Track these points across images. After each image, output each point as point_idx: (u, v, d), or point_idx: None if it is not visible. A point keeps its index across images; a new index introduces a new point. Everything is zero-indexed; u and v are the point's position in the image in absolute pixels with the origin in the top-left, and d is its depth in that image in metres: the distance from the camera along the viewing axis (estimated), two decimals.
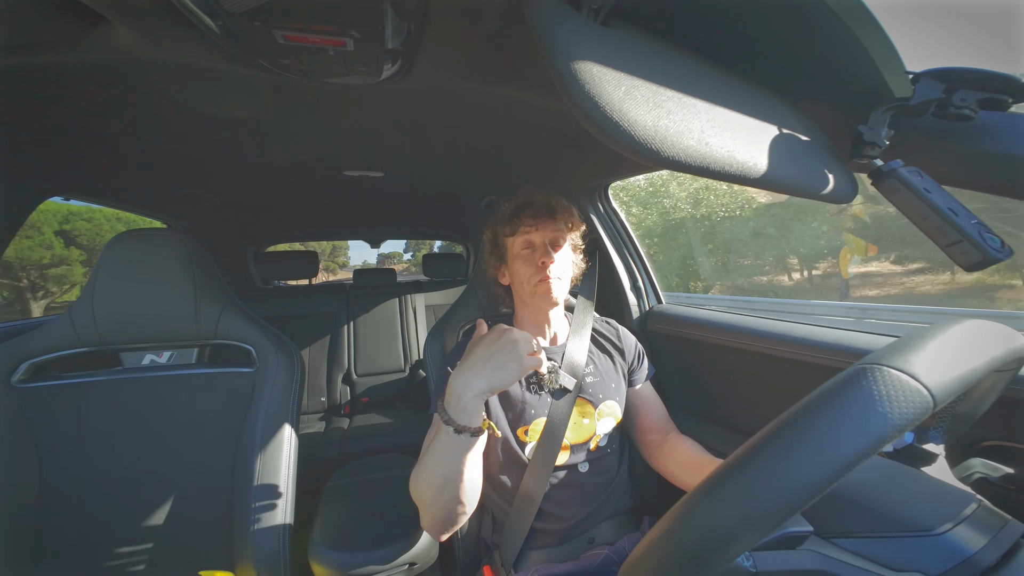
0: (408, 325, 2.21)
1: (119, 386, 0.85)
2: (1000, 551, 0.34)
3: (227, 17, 0.51)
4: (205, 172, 1.26)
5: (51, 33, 0.56)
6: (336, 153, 1.16)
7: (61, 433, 0.80)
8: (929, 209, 0.45)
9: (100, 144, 0.97)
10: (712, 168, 0.38)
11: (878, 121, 0.49)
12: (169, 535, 0.82)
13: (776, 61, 0.51)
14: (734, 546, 0.27)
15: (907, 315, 7.93)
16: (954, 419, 0.47)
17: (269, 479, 0.83)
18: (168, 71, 0.68)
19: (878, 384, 0.27)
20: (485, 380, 0.56)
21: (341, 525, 0.86)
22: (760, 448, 0.28)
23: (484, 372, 0.57)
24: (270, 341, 0.90)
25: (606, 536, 0.80)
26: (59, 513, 0.78)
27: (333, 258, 33.75)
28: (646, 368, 0.93)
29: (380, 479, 1.06)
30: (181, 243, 0.86)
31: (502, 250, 0.87)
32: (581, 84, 0.36)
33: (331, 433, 1.73)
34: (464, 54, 0.64)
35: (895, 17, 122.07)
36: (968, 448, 0.62)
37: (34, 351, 0.81)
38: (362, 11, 0.51)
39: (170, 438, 0.85)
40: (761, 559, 0.37)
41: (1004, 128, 0.47)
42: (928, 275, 13.01)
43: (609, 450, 0.83)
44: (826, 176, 0.47)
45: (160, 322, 0.85)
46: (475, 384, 0.56)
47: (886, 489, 0.42)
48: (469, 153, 1.19)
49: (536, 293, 0.81)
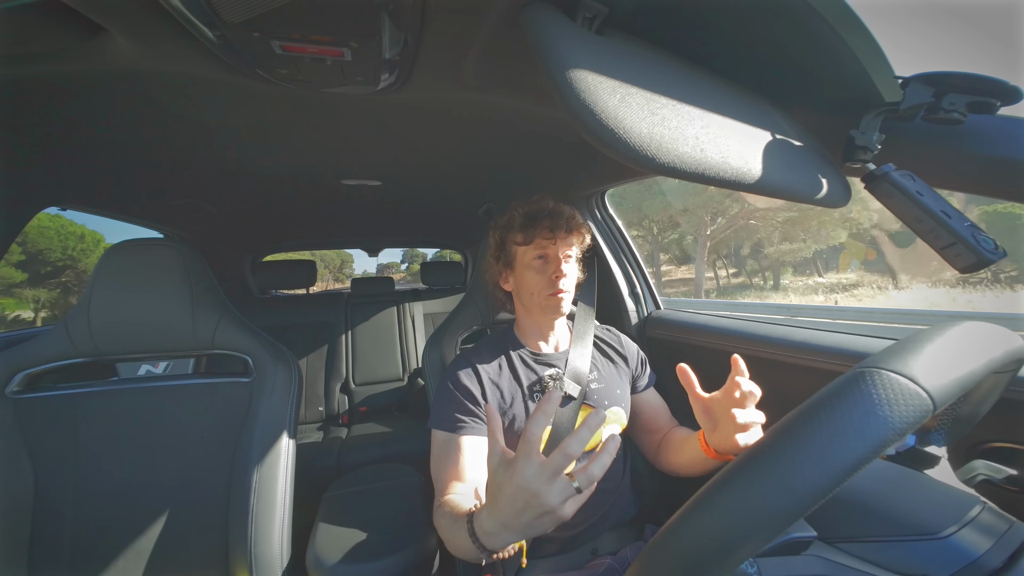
0: (406, 333, 2.21)
1: (115, 397, 0.84)
2: (1006, 553, 0.34)
3: (225, 27, 0.51)
4: (202, 182, 1.27)
5: (49, 43, 0.57)
6: (334, 162, 1.16)
7: (56, 444, 0.79)
8: (922, 212, 0.46)
9: (97, 154, 0.98)
10: (707, 174, 0.38)
11: (869, 126, 0.49)
12: (166, 546, 0.80)
13: (768, 67, 0.52)
14: (738, 553, 0.26)
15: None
16: (955, 421, 0.47)
17: (267, 490, 0.82)
18: (166, 81, 0.68)
19: (877, 388, 0.27)
20: (520, 535, 0.48)
21: (340, 536, 0.85)
22: (761, 454, 0.28)
23: (518, 530, 0.47)
24: (267, 351, 0.90)
25: (609, 546, 0.79)
26: (54, 524, 0.77)
27: (341, 270, 34.19)
28: (649, 374, 0.93)
29: (379, 489, 1.04)
30: (178, 252, 0.86)
31: (510, 256, 0.85)
32: (577, 92, 0.36)
33: (329, 443, 1.71)
34: (461, 63, 0.64)
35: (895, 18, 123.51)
36: (970, 450, 0.61)
37: (29, 362, 0.81)
38: (359, 21, 0.52)
39: (166, 449, 0.84)
40: (765, 565, 0.37)
41: (993, 131, 0.48)
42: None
43: (614, 457, 0.82)
44: (820, 181, 0.48)
45: (156, 332, 0.85)
46: (509, 538, 0.49)
47: (889, 493, 0.42)
48: (466, 161, 1.20)
49: (547, 306, 0.81)
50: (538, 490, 0.44)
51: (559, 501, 0.44)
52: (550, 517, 0.45)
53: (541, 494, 0.44)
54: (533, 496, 0.44)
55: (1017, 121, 0.47)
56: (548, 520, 0.46)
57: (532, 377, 0.82)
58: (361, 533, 0.86)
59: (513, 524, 0.47)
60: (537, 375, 0.82)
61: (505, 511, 0.46)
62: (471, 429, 0.74)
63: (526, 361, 0.84)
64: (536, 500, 0.44)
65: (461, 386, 0.78)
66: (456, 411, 0.75)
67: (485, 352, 0.84)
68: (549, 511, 0.44)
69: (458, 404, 0.76)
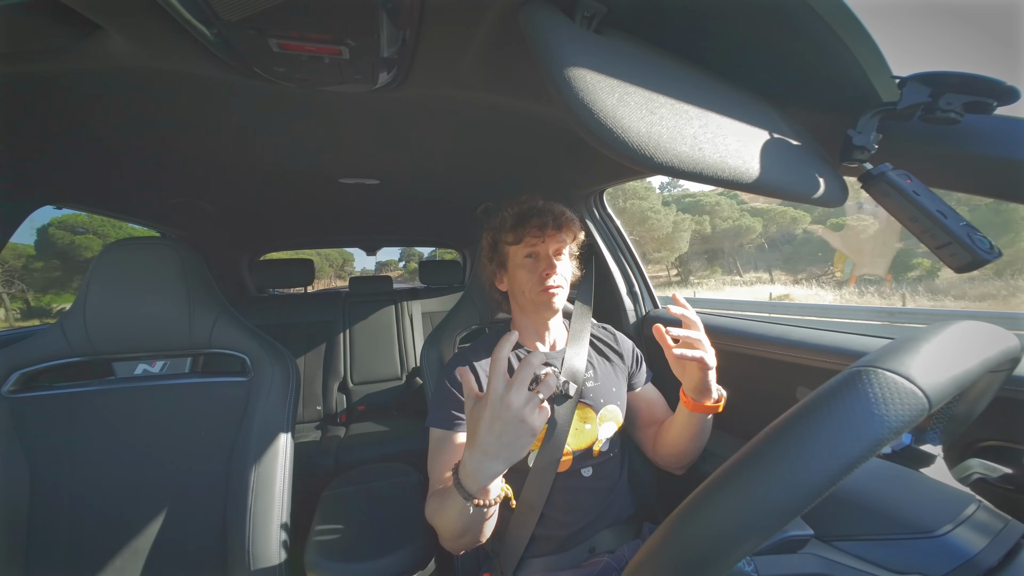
0: (404, 332, 2.20)
1: (111, 396, 0.84)
2: (1001, 552, 0.34)
3: (222, 25, 0.51)
4: (199, 180, 1.26)
5: (45, 42, 0.56)
6: (332, 161, 1.16)
7: (52, 444, 0.79)
8: (918, 211, 0.46)
9: (93, 152, 0.97)
10: (705, 173, 0.38)
11: (867, 125, 0.50)
12: (163, 545, 0.80)
13: (766, 67, 0.52)
14: (735, 551, 0.26)
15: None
16: (951, 420, 0.47)
17: (264, 489, 0.82)
18: (163, 80, 0.68)
19: (873, 387, 0.27)
20: (502, 462, 0.53)
21: (338, 535, 0.85)
22: (758, 453, 0.28)
23: (499, 454, 0.52)
24: (265, 350, 0.89)
25: (607, 544, 0.79)
26: (51, 524, 0.77)
27: (343, 268, 34.63)
28: (645, 371, 0.93)
29: (377, 488, 1.04)
30: (174, 251, 0.86)
31: (503, 257, 0.86)
32: (576, 91, 0.36)
33: (327, 442, 1.71)
34: (459, 62, 0.64)
35: (894, 17, 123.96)
36: (966, 449, 0.62)
37: (25, 361, 0.80)
38: (357, 19, 0.52)
39: (164, 448, 0.84)
40: (762, 563, 0.37)
41: (990, 131, 0.48)
42: None
43: (611, 455, 0.83)
44: (817, 180, 0.48)
45: (153, 331, 0.84)
46: (492, 467, 0.53)
47: (886, 491, 0.42)
48: (465, 160, 1.20)
49: (539, 303, 0.81)
50: (509, 400, 0.50)
51: (529, 412, 0.51)
52: (524, 428, 0.51)
53: (511, 404, 0.50)
54: (506, 408, 0.50)
55: (1014, 121, 0.47)
56: (523, 433, 0.51)
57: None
58: (359, 532, 0.86)
59: (492, 449, 0.52)
60: (533, 373, 0.82)
61: (484, 438, 0.51)
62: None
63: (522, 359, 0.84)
64: (508, 412, 0.50)
65: (458, 384, 0.78)
66: (453, 409, 0.75)
67: (482, 351, 0.84)
68: (521, 420, 0.50)
69: (455, 402, 0.76)
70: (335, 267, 34.77)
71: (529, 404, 0.51)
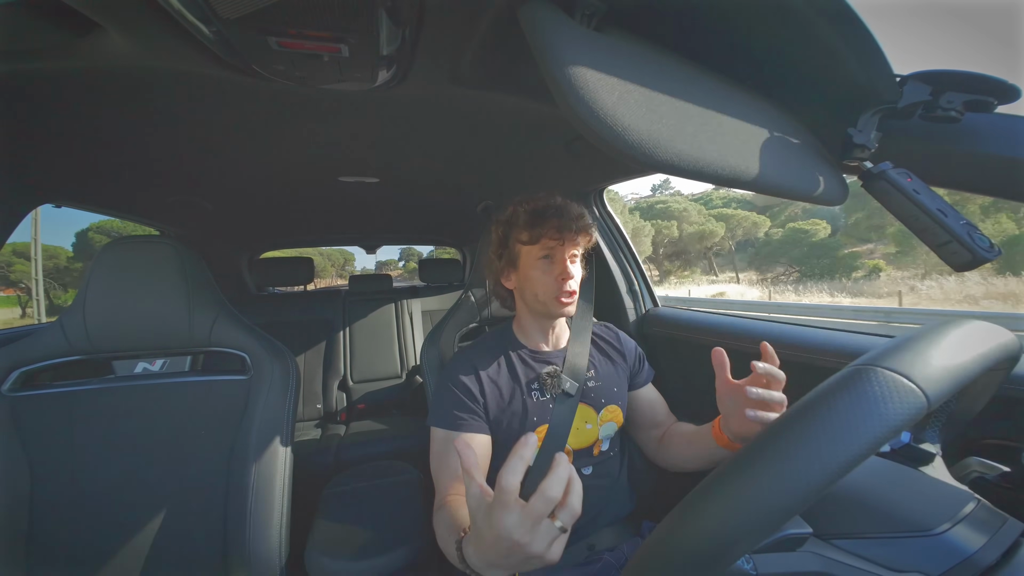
0: (404, 330, 2.20)
1: (111, 395, 0.84)
2: (1000, 550, 0.34)
3: (221, 23, 0.51)
4: (199, 178, 1.26)
5: (43, 40, 0.56)
6: (331, 159, 1.16)
7: (53, 442, 0.79)
8: (918, 210, 0.46)
9: (92, 151, 0.97)
10: (705, 171, 0.38)
11: (867, 124, 0.49)
12: (163, 544, 0.80)
13: (766, 65, 0.52)
14: (734, 549, 0.26)
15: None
16: (950, 419, 0.47)
17: (264, 487, 0.82)
18: (161, 78, 0.68)
19: (873, 385, 0.27)
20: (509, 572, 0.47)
21: (338, 533, 0.85)
22: (757, 451, 0.28)
23: (507, 568, 0.46)
24: (265, 348, 0.89)
25: (606, 542, 0.79)
26: (51, 523, 0.77)
27: (344, 268, 34.89)
28: (646, 370, 0.93)
29: (377, 486, 1.04)
30: (174, 250, 0.85)
31: (513, 255, 0.83)
32: (576, 89, 0.36)
33: (327, 440, 1.71)
34: (459, 60, 0.64)
35: (895, 17, 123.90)
36: (965, 447, 0.62)
37: (24, 360, 0.80)
38: (356, 17, 0.52)
39: (164, 447, 0.84)
40: (761, 561, 0.37)
41: (990, 129, 0.48)
42: None
43: (611, 454, 0.83)
44: (817, 179, 0.48)
45: (153, 330, 0.84)
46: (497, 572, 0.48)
47: (884, 489, 0.42)
48: (465, 159, 1.19)
49: (552, 309, 0.79)
50: (520, 540, 0.41)
51: (544, 546, 0.42)
52: (538, 560, 0.43)
53: (525, 544, 0.41)
54: (516, 545, 0.41)
55: (1014, 119, 0.47)
56: (536, 563, 0.43)
57: (530, 374, 0.82)
58: (360, 530, 0.86)
59: (501, 565, 0.45)
60: (535, 372, 0.82)
61: (490, 554, 0.45)
62: (471, 426, 0.74)
63: (524, 359, 0.84)
64: (520, 549, 0.42)
65: (460, 383, 0.78)
66: (455, 408, 0.75)
67: (483, 350, 0.84)
68: (535, 556, 0.42)
69: (457, 401, 0.76)
70: (337, 266, 34.90)
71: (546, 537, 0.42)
